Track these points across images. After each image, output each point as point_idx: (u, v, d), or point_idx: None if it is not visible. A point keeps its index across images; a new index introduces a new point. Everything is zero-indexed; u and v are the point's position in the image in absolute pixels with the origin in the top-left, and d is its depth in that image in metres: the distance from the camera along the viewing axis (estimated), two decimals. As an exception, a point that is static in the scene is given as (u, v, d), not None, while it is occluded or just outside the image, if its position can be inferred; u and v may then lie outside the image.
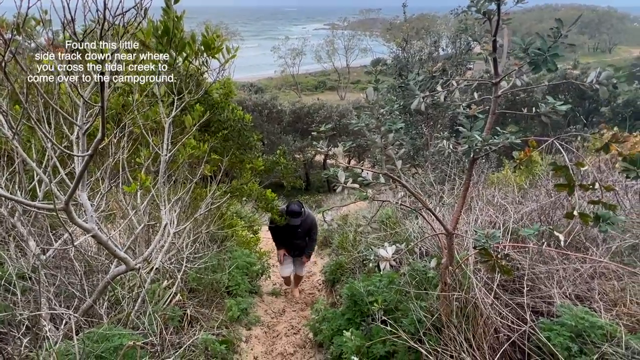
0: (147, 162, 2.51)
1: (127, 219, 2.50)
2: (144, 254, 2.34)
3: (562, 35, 1.44)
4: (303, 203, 5.07)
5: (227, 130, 4.42)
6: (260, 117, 20.78)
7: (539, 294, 2.55)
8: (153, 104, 2.42)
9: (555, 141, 1.58)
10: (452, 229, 1.94)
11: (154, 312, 2.59)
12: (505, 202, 2.94)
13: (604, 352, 1.97)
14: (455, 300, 2.29)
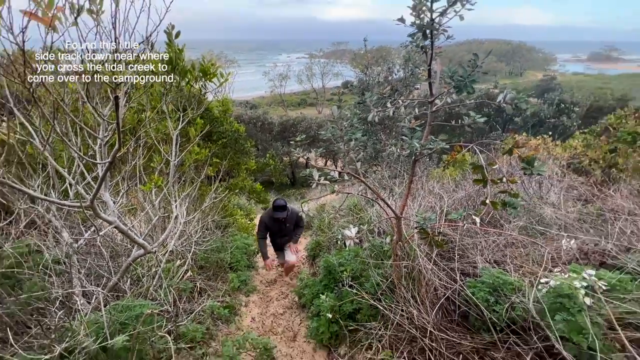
0: (160, 166, 2.45)
1: (144, 211, 2.43)
2: (159, 240, 2.29)
3: (478, 66, 1.48)
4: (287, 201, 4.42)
5: (225, 139, 4.37)
6: (255, 128, 20.55)
7: (466, 260, 2.64)
8: (162, 120, 2.36)
9: (475, 146, 1.63)
10: (400, 214, 1.98)
11: (168, 286, 2.54)
12: (442, 192, 3.03)
13: (513, 302, 2.06)
14: (404, 267, 2.35)
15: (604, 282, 1.81)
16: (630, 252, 2.34)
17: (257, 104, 40.94)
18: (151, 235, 3.37)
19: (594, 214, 3.40)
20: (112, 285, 2.17)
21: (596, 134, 7.28)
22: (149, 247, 2.08)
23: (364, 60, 17.84)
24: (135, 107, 2.58)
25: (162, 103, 2.22)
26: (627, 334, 1.59)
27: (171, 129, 2.23)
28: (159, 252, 2.52)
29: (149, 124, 2.21)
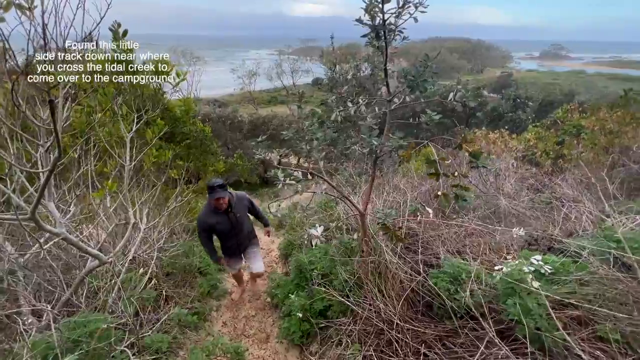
0: (115, 172, 2.31)
1: (97, 221, 2.28)
2: (116, 250, 2.16)
3: (429, 66, 1.52)
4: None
5: (190, 140, 4.21)
6: (224, 127, 20.03)
7: (430, 252, 2.74)
8: (116, 122, 2.22)
9: (429, 142, 1.68)
10: (363, 210, 2.01)
11: (129, 297, 2.41)
12: (407, 187, 3.12)
13: (472, 289, 2.17)
14: (370, 263, 2.39)
15: (549, 266, 1.96)
16: (572, 237, 2.55)
17: (226, 102, 39.89)
18: (110, 244, 3.19)
19: (544, 203, 3.67)
20: (65, 301, 2.03)
21: (546, 127, 7.85)
22: (105, 258, 1.96)
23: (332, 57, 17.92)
24: (85, 109, 2.41)
25: (113, 104, 2.08)
26: (568, 312, 1.73)
27: (124, 131, 2.10)
28: (117, 262, 2.38)
29: (100, 126, 2.07)
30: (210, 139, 4.71)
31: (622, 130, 3.83)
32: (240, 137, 21.01)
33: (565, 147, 4.91)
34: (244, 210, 3.06)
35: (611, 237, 1.90)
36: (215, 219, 2.87)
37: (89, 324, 1.77)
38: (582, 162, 3.95)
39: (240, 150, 6.64)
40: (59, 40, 1.22)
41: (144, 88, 2.12)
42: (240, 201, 3.02)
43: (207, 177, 4.60)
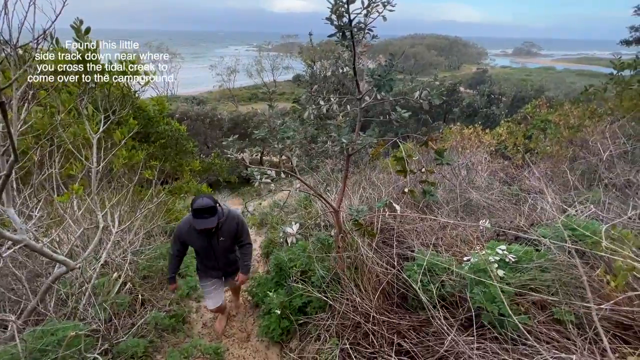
0: (81, 174, 2.22)
1: (64, 225, 2.20)
2: (84, 255, 2.09)
3: (395, 66, 1.56)
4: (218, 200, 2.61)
5: (164, 140, 4.11)
6: (203, 125, 19.62)
7: (405, 245, 2.82)
8: (81, 122, 2.14)
9: (398, 140, 1.72)
10: (337, 207, 2.04)
11: (102, 302, 2.35)
12: (382, 183, 3.19)
13: (443, 280, 2.26)
14: (347, 258, 2.44)
15: (513, 255, 2.07)
16: (535, 226, 2.69)
17: (205, 99, 38.98)
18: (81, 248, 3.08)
19: (512, 194, 3.84)
20: (31, 310, 1.95)
21: (517, 122, 8.18)
22: (72, 264, 1.90)
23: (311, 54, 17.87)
24: (47, 110, 2.30)
25: (78, 104, 2.00)
26: (529, 297, 1.84)
27: (90, 132, 2.02)
28: (88, 267, 2.30)
29: (64, 128, 1.98)
30: (186, 137, 4.61)
31: (582, 124, 4.06)
32: (220, 135, 20.64)
33: (532, 142, 5.14)
34: (230, 234, 2.47)
35: (568, 226, 2.02)
36: (193, 236, 2.43)
37: (57, 332, 1.72)
38: (547, 155, 4.16)
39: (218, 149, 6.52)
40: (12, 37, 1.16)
41: (112, 87, 2.05)
42: (229, 223, 2.43)
43: (184, 178, 4.51)
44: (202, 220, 2.18)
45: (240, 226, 2.49)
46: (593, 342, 1.56)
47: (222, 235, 2.44)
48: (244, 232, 2.54)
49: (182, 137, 4.47)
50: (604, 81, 4.54)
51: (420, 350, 1.96)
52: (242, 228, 2.51)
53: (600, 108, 4.73)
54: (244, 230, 2.53)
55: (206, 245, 2.47)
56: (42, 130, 2.09)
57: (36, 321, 2.04)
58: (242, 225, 2.51)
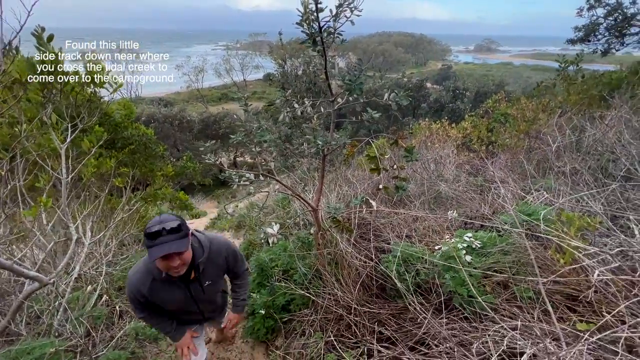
0: (48, 186, 2.13)
1: (33, 239, 2.11)
2: (58, 269, 2.02)
3: (364, 70, 1.66)
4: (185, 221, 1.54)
5: (133, 145, 3.98)
6: (172, 128, 18.96)
7: (382, 238, 2.96)
8: (45, 132, 2.05)
9: (370, 140, 1.83)
10: (315, 206, 2.12)
11: (77, 317, 2.27)
12: (357, 180, 3.31)
13: (418, 269, 2.41)
14: (327, 254, 2.53)
15: (478, 242, 2.26)
16: (498, 213, 2.93)
17: (173, 100, 37.67)
18: (51, 264, 2.94)
19: (477, 185, 4.12)
20: (1, 330, 1.86)
21: (480, 116, 8.67)
22: (45, 279, 1.83)
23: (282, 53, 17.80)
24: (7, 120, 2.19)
25: (42, 113, 1.92)
26: (494, 278, 2.03)
27: (57, 142, 1.95)
28: (61, 282, 2.22)
29: (27, 139, 1.90)
30: (155, 142, 4.49)
31: (536, 117, 4.43)
32: (191, 137, 20.08)
33: (494, 135, 5.51)
34: (218, 274, 1.72)
35: (524, 211, 2.24)
36: (159, 290, 1.53)
37: (33, 350, 1.66)
38: (507, 147, 4.49)
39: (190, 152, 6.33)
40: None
41: (78, 94, 1.97)
42: (214, 259, 1.63)
43: (157, 183, 4.39)
44: (160, 246, 1.29)
45: (232, 258, 1.72)
46: (548, 314, 1.76)
47: (206, 278, 1.62)
48: (238, 261, 1.79)
49: (150, 141, 4.35)
50: (555, 76, 4.96)
51: (399, 336, 2.09)
52: (233, 259, 1.74)
53: (552, 102, 5.16)
54: (237, 260, 1.78)
55: (183, 298, 1.60)
56: (1, 142, 1.99)
57: (7, 341, 1.95)
58: (233, 257, 1.73)
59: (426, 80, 27.15)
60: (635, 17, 6.75)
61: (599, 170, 2.73)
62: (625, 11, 6.72)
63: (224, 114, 22.57)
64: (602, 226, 2.06)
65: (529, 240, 2.11)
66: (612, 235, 1.96)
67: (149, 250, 1.31)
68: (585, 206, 2.37)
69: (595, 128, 2.86)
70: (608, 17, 6.89)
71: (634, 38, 6.99)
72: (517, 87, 31.03)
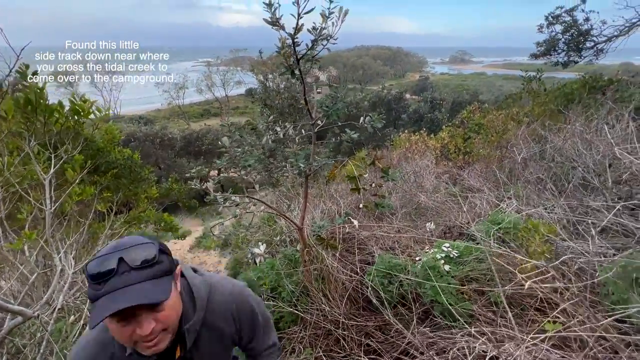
0: (30, 217, 2.12)
1: (16, 273, 2.08)
2: (42, 300, 2.00)
3: (341, 97, 1.79)
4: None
5: (116, 169, 3.96)
6: (153, 146, 18.67)
7: (366, 251, 3.06)
8: (27, 163, 2.05)
9: (348, 160, 1.94)
10: (300, 224, 2.20)
11: (62, 349, 2.23)
12: (340, 196, 3.42)
13: (401, 279, 2.51)
14: (314, 270, 2.60)
15: (456, 251, 2.39)
16: (474, 222, 3.09)
17: (153, 118, 37.20)
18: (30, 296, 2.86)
19: (455, 194, 4.31)
20: (-19, 369, 1.81)
21: (456, 126, 9.06)
22: (30, 312, 1.81)
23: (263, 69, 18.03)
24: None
25: (24, 144, 1.94)
26: (471, 286, 2.15)
27: (41, 174, 1.96)
28: (42, 314, 2.18)
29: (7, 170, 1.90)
30: (140, 165, 4.48)
31: (506, 128, 4.72)
32: (173, 155, 19.81)
33: (468, 145, 5.79)
34: (222, 348, 1.02)
35: (495, 220, 2.40)
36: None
37: (17, 387, 1.64)
38: (481, 156, 4.74)
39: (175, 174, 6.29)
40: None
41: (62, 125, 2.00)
42: (216, 320, 0.96)
43: (141, 206, 4.36)
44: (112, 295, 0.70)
45: (247, 319, 1.03)
46: (521, 317, 1.89)
47: (202, 356, 0.96)
48: (257, 326, 1.07)
49: (135, 164, 4.34)
50: (521, 89, 5.29)
51: (385, 347, 2.17)
52: (250, 322, 1.04)
53: (520, 113, 5.51)
54: (255, 325, 1.06)
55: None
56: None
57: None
58: (249, 317, 1.03)
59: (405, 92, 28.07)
60: (590, 33, 7.34)
61: (562, 178, 2.95)
62: (580, 27, 7.30)
63: (207, 130, 22.47)
64: (564, 232, 2.24)
65: (502, 247, 2.26)
66: (573, 240, 2.13)
67: (93, 307, 0.71)
68: (551, 213, 2.56)
69: (555, 139, 3.11)
70: (565, 33, 7.47)
71: (590, 51, 7.57)
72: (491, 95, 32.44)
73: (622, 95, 4.20)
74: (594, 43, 7.35)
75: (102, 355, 0.86)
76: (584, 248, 1.99)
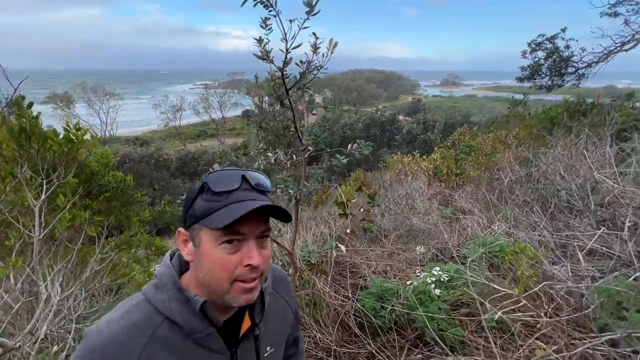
0: (18, 244, 2.10)
1: (2, 301, 2.03)
2: (24, 330, 1.94)
3: (330, 127, 1.85)
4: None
5: (109, 193, 3.95)
6: (148, 167, 18.68)
7: (358, 275, 3.04)
8: (18, 190, 2.06)
9: (337, 186, 1.98)
10: (291, 249, 2.21)
11: (43, 382, 2.14)
12: (331, 219, 3.44)
13: (394, 304, 2.49)
14: (305, 295, 2.57)
15: (446, 275, 2.40)
16: (465, 244, 3.12)
17: (149, 139, 37.41)
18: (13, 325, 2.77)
19: (447, 216, 4.35)
20: (-44, 405, 1.73)
21: (448, 147, 9.25)
22: (10, 344, 1.76)
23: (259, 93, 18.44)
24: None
25: (16, 171, 1.96)
26: (462, 311, 2.15)
27: (31, 201, 1.97)
28: (24, 345, 2.12)
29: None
30: (133, 188, 4.48)
31: (495, 151, 4.85)
32: (168, 175, 19.80)
33: (459, 167, 5.90)
34: (281, 335, 0.86)
35: (485, 244, 2.43)
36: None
37: None
38: (471, 178, 4.83)
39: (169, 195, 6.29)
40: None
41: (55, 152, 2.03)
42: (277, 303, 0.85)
43: (133, 229, 4.32)
44: (242, 203, 0.63)
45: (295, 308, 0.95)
46: (511, 342, 1.88)
47: (268, 339, 0.79)
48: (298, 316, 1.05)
49: (128, 187, 4.34)
50: (513, 97, 5.46)
51: (377, 376, 2.12)
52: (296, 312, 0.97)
53: (508, 136, 5.68)
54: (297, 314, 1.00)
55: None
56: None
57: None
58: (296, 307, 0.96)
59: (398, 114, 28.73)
60: (570, 59, 7.71)
61: (549, 199, 3.02)
62: (561, 54, 7.68)
63: (202, 151, 22.62)
64: (551, 255, 2.27)
65: (491, 271, 2.27)
66: (561, 263, 2.16)
67: (214, 214, 0.63)
68: (539, 236, 2.60)
69: (540, 163, 3.20)
70: (548, 59, 7.84)
71: (572, 76, 7.93)
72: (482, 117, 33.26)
73: (602, 119, 4.37)
74: (575, 69, 7.70)
75: (142, 331, 0.65)
76: (571, 271, 2.02)
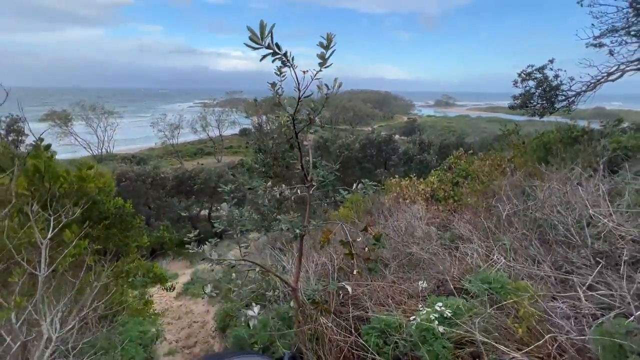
0: (21, 280, 2.09)
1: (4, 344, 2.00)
2: (23, 373, 1.91)
3: (333, 172, 1.92)
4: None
5: (108, 220, 3.95)
6: (144, 185, 18.57)
7: (360, 307, 3.03)
8: (25, 226, 2.08)
9: (342, 225, 2.03)
10: (295, 284, 2.22)
11: None
12: (334, 251, 3.46)
13: (396, 340, 2.47)
14: (308, 330, 2.56)
15: (449, 310, 2.41)
16: (467, 275, 3.14)
17: (146, 156, 37.39)
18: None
19: (446, 243, 4.38)
20: None
21: (444, 170, 9.40)
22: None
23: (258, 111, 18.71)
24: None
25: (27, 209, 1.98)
26: (467, 350, 2.15)
27: (39, 239, 1.98)
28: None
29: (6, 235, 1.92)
30: (132, 214, 4.48)
31: (491, 178, 4.95)
32: (164, 194, 19.66)
33: (456, 193, 5.99)
34: None
35: (485, 279, 2.46)
36: None
37: None
38: (468, 205, 4.90)
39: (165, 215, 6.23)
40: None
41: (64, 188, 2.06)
42: None
43: (130, 256, 4.29)
44: None
45: None
46: (517, 384, 1.88)
47: None
48: None
49: (126, 214, 4.34)
50: (507, 126, 5.60)
51: (382, 417, 2.09)
52: None
53: (503, 162, 5.81)
54: None
55: None
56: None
57: None
58: None
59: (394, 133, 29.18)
60: (560, 88, 8.03)
61: (547, 232, 3.08)
62: (550, 83, 8.00)
63: (199, 169, 22.60)
64: (552, 290, 2.30)
65: (492, 308, 2.29)
66: (561, 299, 2.20)
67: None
68: (539, 270, 2.64)
69: (537, 194, 3.29)
70: (538, 88, 8.15)
71: (562, 103, 8.22)
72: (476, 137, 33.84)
73: (594, 148, 4.53)
74: (565, 97, 8.01)
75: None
76: (571, 308, 2.05)
